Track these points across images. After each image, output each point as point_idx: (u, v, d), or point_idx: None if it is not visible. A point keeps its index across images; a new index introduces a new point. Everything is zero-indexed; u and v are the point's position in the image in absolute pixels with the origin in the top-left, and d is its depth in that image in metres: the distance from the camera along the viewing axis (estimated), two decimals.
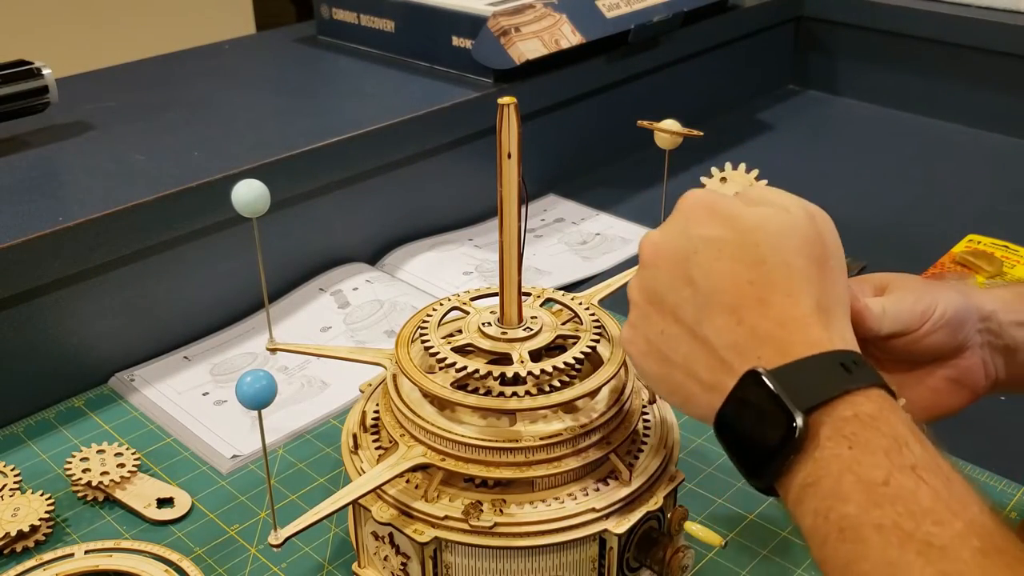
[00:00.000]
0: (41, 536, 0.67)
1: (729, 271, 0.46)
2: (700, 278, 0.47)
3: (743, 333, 0.45)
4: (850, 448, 0.41)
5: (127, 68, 1.16)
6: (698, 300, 0.47)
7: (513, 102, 0.55)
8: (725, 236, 0.47)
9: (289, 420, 0.78)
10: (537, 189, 1.17)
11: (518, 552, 0.56)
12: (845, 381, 0.42)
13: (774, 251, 0.46)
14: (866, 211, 1.12)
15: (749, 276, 0.46)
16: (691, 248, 0.48)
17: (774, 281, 0.46)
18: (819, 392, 0.42)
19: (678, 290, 0.48)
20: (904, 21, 1.35)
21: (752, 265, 0.46)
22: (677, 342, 0.48)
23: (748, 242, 0.47)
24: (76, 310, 0.81)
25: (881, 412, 0.42)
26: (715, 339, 0.46)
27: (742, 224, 0.47)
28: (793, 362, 0.43)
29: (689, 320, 0.47)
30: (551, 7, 1.07)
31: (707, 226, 0.48)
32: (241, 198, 0.59)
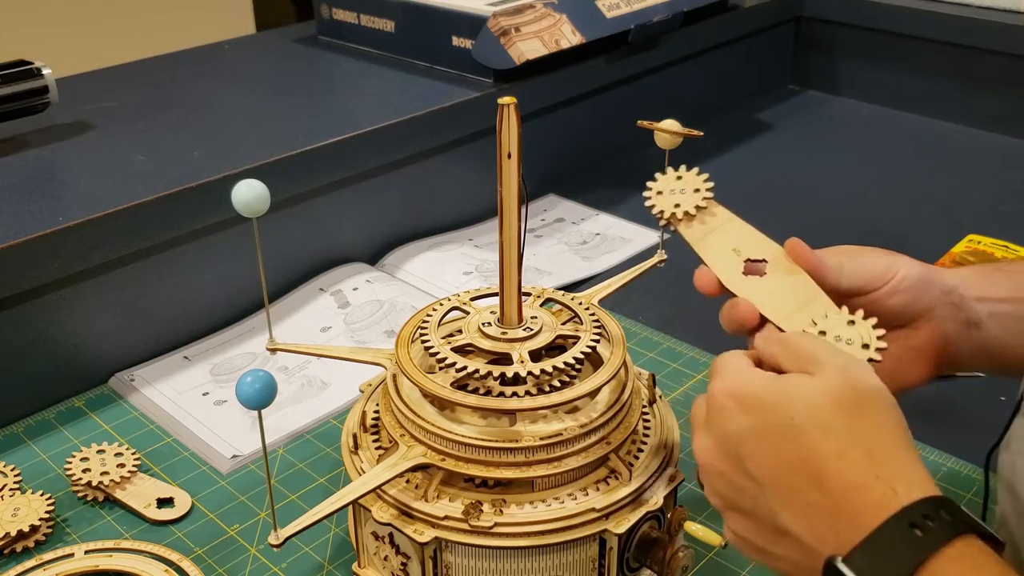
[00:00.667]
0: (41, 536, 0.67)
1: (776, 455, 0.46)
2: (757, 472, 0.46)
3: (815, 515, 0.44)
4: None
5: (127, 68, 1.16)
6: (765, 493, 0.46)
7: (513, 102, 0.55)
8: (760, 421, 0.47)
9: (289, 420, 0.78)
10: (537, 189, 1.17)
11: (518, 552, 0.56)
12: (920, 547, 0.41)
13: (809, 420, 0.45)
14: (866, 211, 1.12)
15: (798, 454, 0.45)
16: (736, 443, 0.47)
17: (820, 449, 0.45)
18: (896, 571, 0.41)
19: (743, 490, 0.47)
20: (904, 21, 1.35)
21: (795, 441, 0.45)
22: (770, 538, 0.47)
23: (783, 418, 0.46)
24: (76, 310, 0.81)
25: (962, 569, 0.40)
26: (794, 528, 0.45)
27: (770, 402, 0.47)
28: (864, 540, 0.42)
29: (766, 516, 0.46)
30: (551, 7, 1.07)
31: (740, 417, 0.47)
32: (241, 198, 0.59)
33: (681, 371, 0.84)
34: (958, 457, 0.73)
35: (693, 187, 0.59)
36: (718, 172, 1.24)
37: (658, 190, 0.60)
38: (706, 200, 0.59)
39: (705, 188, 0.59)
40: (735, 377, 0.49)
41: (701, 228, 0.58)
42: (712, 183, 0.59)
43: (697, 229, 0.58)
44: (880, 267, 0.58)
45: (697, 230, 0.58)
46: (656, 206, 0.59)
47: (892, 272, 0.58)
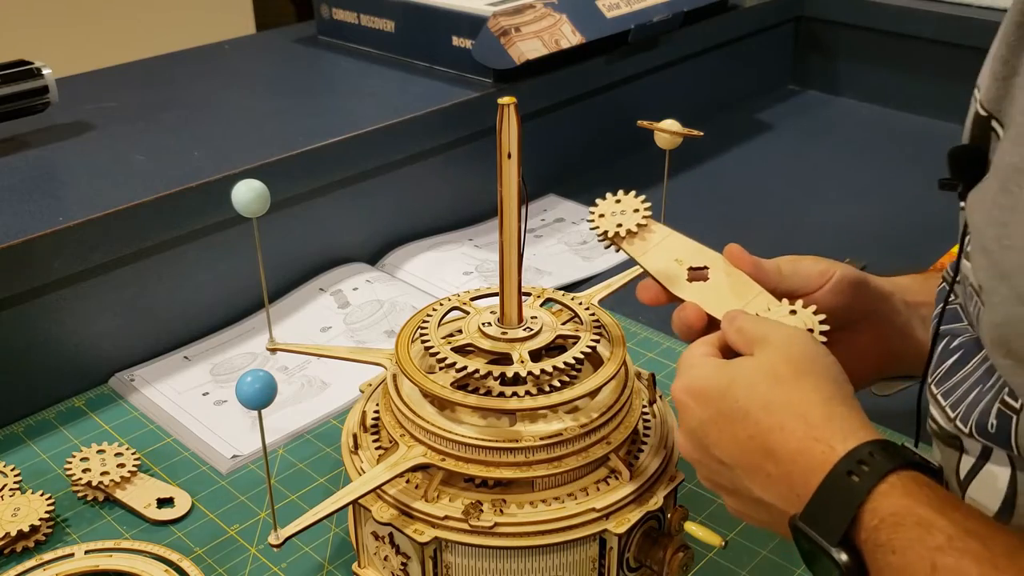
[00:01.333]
0: (41, 536, 0.67)
1: (731, 437, 0.50)
2: (722, 455, 0.51)
3: (776, 484, 0.48)
4: (893, 553, 0.43)
5: (127, 68, 1.16)
6: (736, 473, 0.50)
7: (513, 102, 0.55)
8: (713, 411, 0.51)
9: (289, 420, 0.78)
10: (537, 189, 1.17)
11: (518, 552, 0.56)
12: (857, 491, 0.44)
13: (750, 400, 0.50)
14: (866, 211, 1.12)
15: (746, 432, 0.49)
16: (701, 435, 0.52)
17: (764, 425, 0.49)
18: (841, 518, 0.44)
19: (721, 472, 0.52)
20: (904, 21, 1.35)
21: (741, 421, 0.49)
22: (754, 510, 0.52)
23: (728, 405, 0.50)
24: (76, 310, 0.81)
25: (899, 505, 0.44)
26: (768, 497, 0.49)
27: (717, 391, 0.51)
28: (812, 497, 0.46)
29: (745, 491, 0.51)
30: (551, 7, 1.07)
31: (698, 411, 0.52)
32: (241, 198, 0.59)
33: None
34: None
35: (632, 208, 0.63)
36: (718, 172, 1.24)
37: (600, 213, 0.63)
38: (645, 219, 0.62)
39: (644, 208, 0.63)
40: (689, 373, 0.53)
41: (643, 244, 0.62)
42: (649, 203, 0.63)
43: (639, 245, 0.62)
44: (817, 270, 0.62)
45: (639, 246, 0.62)
46: (600, 227, 0.62)
47: (829, 274, 0.62)
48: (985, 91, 0.53)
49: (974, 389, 0.51)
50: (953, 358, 0.54)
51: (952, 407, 0.52)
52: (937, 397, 0.54)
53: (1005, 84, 0.52)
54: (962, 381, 0.52)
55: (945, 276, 0.58)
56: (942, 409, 0.54)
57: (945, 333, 0.55)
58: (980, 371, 0.51)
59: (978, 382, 0.51)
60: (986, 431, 0.49)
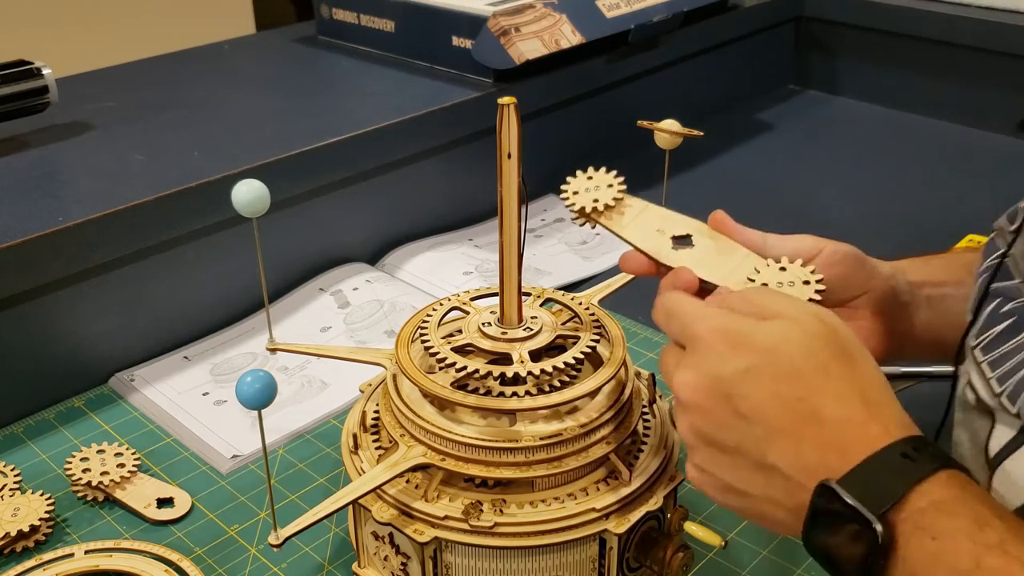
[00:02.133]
0: (41, 536, 0.67)
1: (774, 394, 0.46)
2: (749, 411, 0.47)
3: (807, 450, 0.45)
4: (933, 539, 0.41)
5: (127, 68, 1.16)
6: (756, 432, 0.47)
7: (513, 102, 0.55)
8: (756, 362, 0.47)
9: (289, 420, 0.78)
10: (537, 189, 1.17)
11: (518, 552, 0.56)
12: (912, 472, 0.43)
13: (807, 361, 0.47)
14: (866, 211, 1.12)
15: (795, 393, 0.46)
16: (729, 384, 0.48)
17: (819, 390, 0.46)
18: (890, 492, 0.42)
19: (733, 427, 0.48)
20: (904, 21, 1.35)
21: (793, 382, 0.46)
22: (749, 476, 0.48)
23: (782, 360, 0.47)
24: (76, 310, 0.81)
25: (954, 494, 0.42)
26: (784, 464, 0.46)
27: (766, 344, 0.48)
28: (858, 466, 0.44)
29: (753, 453, 0.47)
30: (551, 7, 1.07)
31: (735, 358, 0.48)
32: (241, 198, 0.59)
33: None
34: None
35: (606, 183, 0.62)
36: (718, 172, 1.24)
37: (573, 190, 0.62)
38: (620, 193, 0.61)
39: (617, 183, 0.62)
40: (719, 316, 0.50)
41: (621, 218, 0.61)
42: (623, 177, 0.62)
43: (618, 219, 0.61)
44: (808, 243, 0.60)
45: (618, 220, 0.61)
46: (575, 204, 0.61)
47: (820, 247, 0.59)
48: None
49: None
50: (1004, 324, 0.51)
51: (999, 380, 0.50)
52: (982, 366, 0.52)
53: None
54: (1013, 352, 0.50)
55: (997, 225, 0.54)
56: (985, 380, 0.51)
57: (995, 292, 0.53)
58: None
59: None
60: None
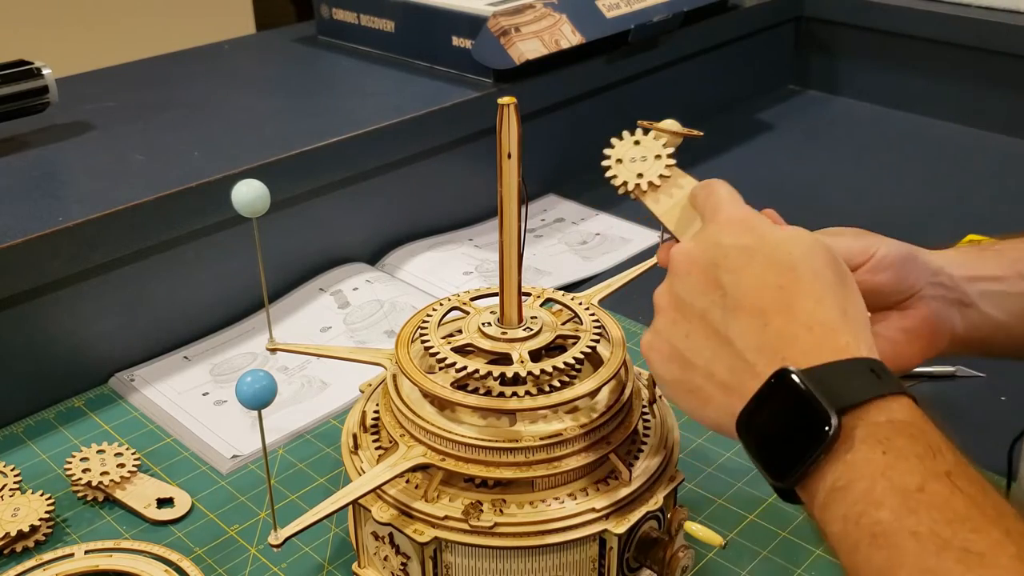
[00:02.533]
0: (41, 536, 0.67)
1: (759, 275, 0.47)
2: (729, 282, 0.47)
3: (769, 335, 0.45)
4: (884, 453, 0.41)
5: (127, 68, 1.16)
6: (726, 303, 0.47)
7: (513, 102, 0.55)
8: (757, 244, 0.48)
9: (289, 420, 0.78)
10: (537, 189, 1.17)
11: (518, 552, 0.56)
12: (878, 386, 0.43)
13: (804, 261, 0.47)
14: (866, 211, 1.12)
15: (779, 281, 0.47)
16: (722, 254, 0.48)
17: (803, 287, 0.46)
18: (853, 394, 0.42)
19: (707, 294, 0.48)
20: (904, 21, 1.35)
21: (783, 271, 0.47)
22: (701, 345, 0.48)
23: (780, 251, 0.48)
24: (76, 310, 0.81)
25: (914, 419, 0.42)
26: (740, 341, 0.46)
27: (774, 237, 0.49)
28: (824, 364, 0.43)
29: (716, 322, 0.47)
30: (551, 7, 1.07)
31: (740, 236, 0.49)
32: (241, 198, 0.59)
33: None
34: None
35: (654, 153, 0.56)
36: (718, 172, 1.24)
37: (617, 158, 0.56)
38: (669, 168, 0.56)
39: (667, 154, 0.56)
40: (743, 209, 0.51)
41: (668, 200, 0.55)
42: (673, 148, 0.56)
43: (664, 202, 0.55)
44: (858, 246, 0.58)
45: (664, 203, 0.55)
46: (618, 177, 0.56)
47: (872, 250, 0.58)
48: None
49: None
50: None
51: None
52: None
53: None
54: None
55: None
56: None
57: None
58: None
59: None
60: None
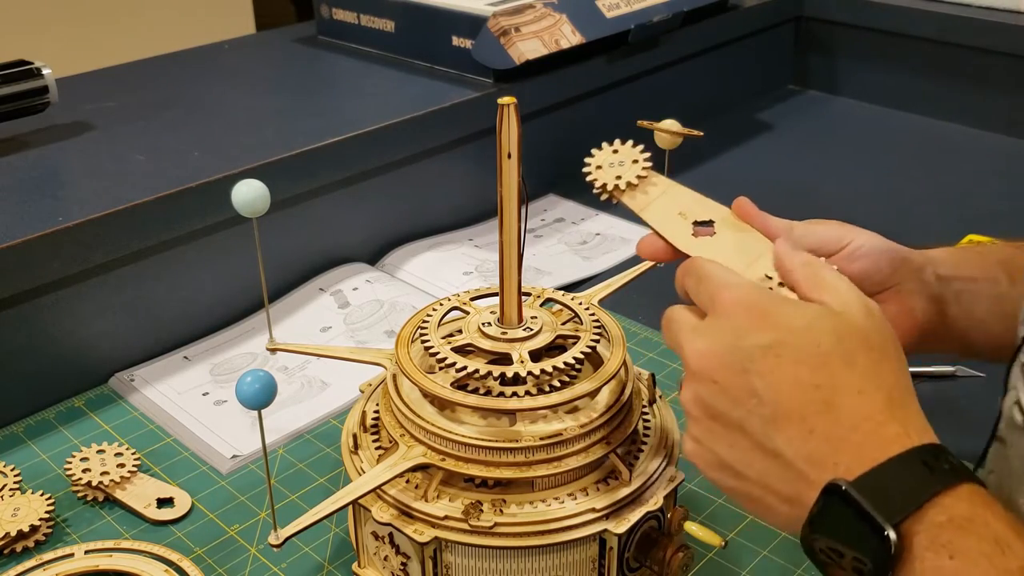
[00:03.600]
0: (41, 536, 0.67)
1: (792, 377, 0.44)
2: (763, 389, 0.44)
3: (816, 442, 0.43)
4: (951, 558, 0.39)
5: (127, 68, 1.16)
6: (764, 412, 0.44)
7: (513, 102, 0.55)
8: (782, 340, 0.45)
9: (289, 420, 0.78)
10: (537, 189, 1.17)
11: (518, 552, 0.56)
12: (931, 483, 0.41)
13: (836, 349, 0.44)
14: (866, 211, 1.12)
15: (814, 379, 0.44)
16: (747, 358, 0.45)
17: (841, 381, 0.44)
18: (907, 500, 0.40)
19: (741, 403, 0.45)
20: (904, 21, 1.35)
21: (816, 367, 0.44)
22: (749, 457, 0.46)
23: (807, 342, 0.44)
24: (76, 310, 0.81)
25: (975, 512, 0.40)
26: (788, 451, 0.44)
27: (797, 323, 0.45)
28: (873, 469, 0.41)
29: (758, 434, 0.45)
30: (551, 7, 1.07)
31: (760, 332, 0.45)
32: (241, 198, 0.59)
33: (681, 371, 0.84)
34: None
35: (631, 159, 0.59)
36: (718, 172, 1.24)
37: (597, 164, 0.59)
38: (645, 170, 0.59)
39: (643, 159, 0.59)
40: (748, 288, 0.48)
41: (644, 197, 0.58)
42: (648, 153, 0.59)
43: (640, 199, 0.58)
44: (834, 234, 0.58)
45: (641, 199, 0.58)
46: (597, 180, 0.59)
47: (847, 240, 0.58)
48: None
49: None
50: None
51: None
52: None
53: None
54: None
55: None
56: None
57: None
58: None
59: None
60: None
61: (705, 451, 0.48)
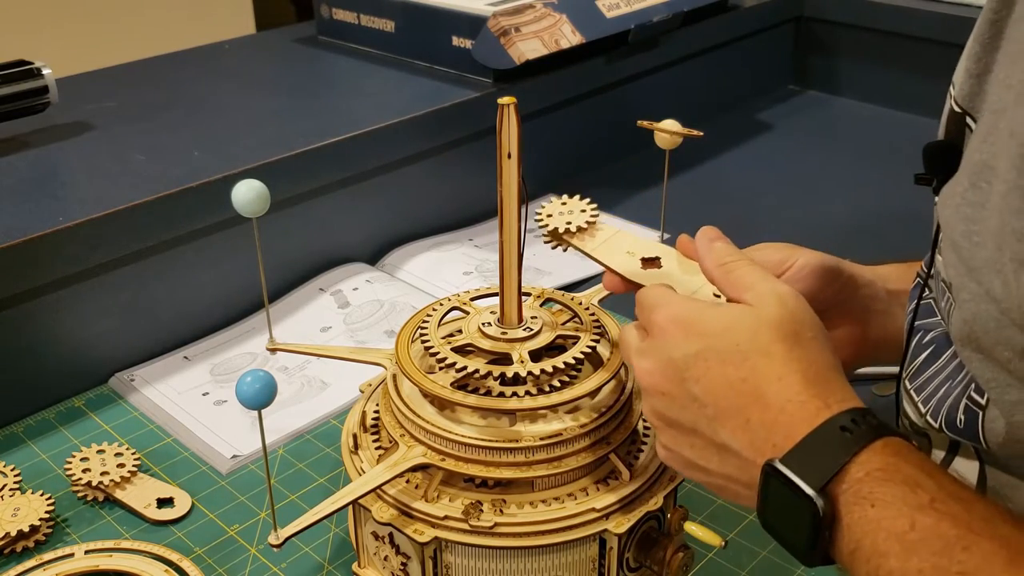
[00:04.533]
0: (41, 536, 0.67)
1: (721, 376, 0.49)
2: (700, 392, 0.49)
3: (754, 429, 0.48)
4: (872, 506, 0.43)
5: (127, 68, 1.16)
6: (707, 412, 0.49)
7: (513, 102, 0.55)
8: (707, 346, 0.50)
9: (289, 420, 0.78)
10: (537, 189, 1.17)
11: (518, 552, 0.56)
12: (849, 444, 0.45)
13: (752, 345, 0.49)
14: (866, 211, 1.12)
15: (740, 374, 0.48)
16: (682, 367, 0.50)
17: (761, 371, 0.48)
18: (828, 465, 0.44)
19: (687, 408, 0.50)
20: (904, 21, 1.35)
21: (739, 364, 0.49)
22: (707, 453, 0.50)
23: (727, 344, 0.49)
24: (76, 310, 0.81)
25: (888, 462, 0.44)
26: (734, 443, 0.48)
27: (715, 328, 0.50)
28: (799, 443, 0.46)
29: (708, 432, 0.50)
30: (551, 7, 1.07)
31: (686, 342, 0.50)
32: (241, 198, 0.59)
33: None
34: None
35: (579, 208, 0.63)
36: (718, 172, 1.24)
37: (548, 213, 0.63)
38: (593, 217, 0.63)
39: (590, 209, 0.63)
40: (676, 304, 0.52)
41: (592, 240, 0.62)
42: (595, 204, 0.64)
43: (590, 241, 0.62)
44: (776, 257, 0.62)
45: (590, 242, 0.62)
46: (549, 225, 0.63)
47: (788, 262, 0.62)
48: (959, 88, 0.54)
49: (944, 384, 0.51)
50: (925, 353, 0.54)
51: (924, 402, 0.53)
52: (910, 392, 0.55)
53: (978, 81, 0.52)
54: (933, 376, 0.53)
55: (919, 272, 0.58)
56: (915, 404, 0.54)
57: (919, 328, 0.55)
58: (951, 366, 0.51)
59: (948, 377, 0.51)
60: (955, 426, 0.50)
61: (674, 455, 0.53)
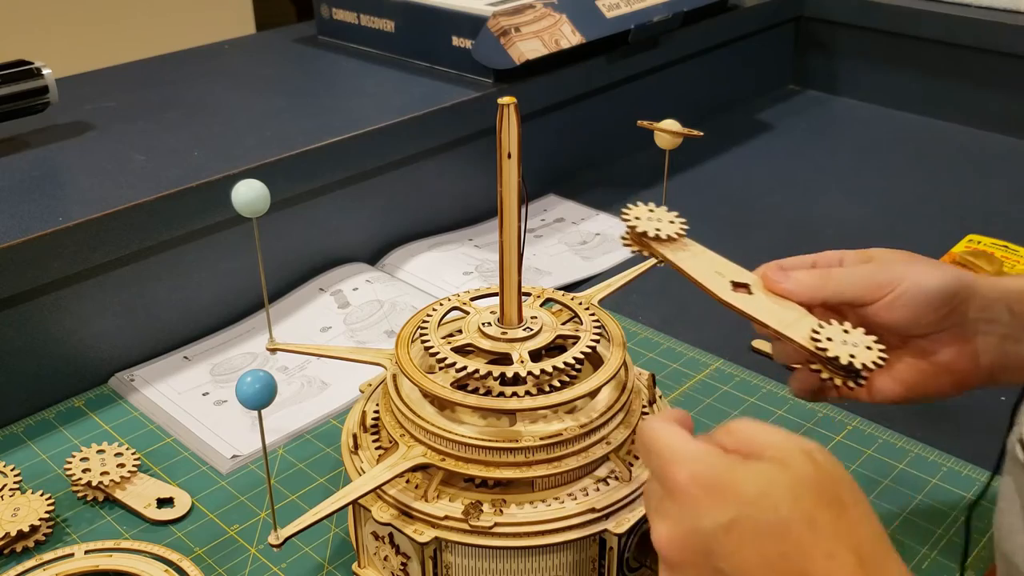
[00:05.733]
0: (41, 536, 0.67)
1: (757, 552, 0.42)
2: (732, 569, 0.43)
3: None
4: None
5: (127, 68, 1.16)
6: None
7: (513, 102, 0.55)
8: (737, 515, 0.43)
9: (289, 420, 0.78)
10: (537, 189, 1.17)
11: (518, 552, 0.56)
12: None
13: (794, 514, 0.42)
14: (866, 211, 1.12)
15: (780, 549, 0.42)
16: (710, 539, 0.43)
17: (807, 547, 0.42)
18: None
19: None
20: (904, 21, 1.35)
21: (778, 536, 0.42)
22: None
23: (764, 512, 0.42)
24: (76, 310, 0.81)
25: None
26: None
27: (749, 493, 0.43)
28: None
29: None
30: (551, 7, 1.07)
31: (714, 510, 0.43)
32: (241, 198, 0.59)
33: (681, 371, 0.84)
34: (958, 457, 0.73)
35: (668, 219, 0.60)
36: (718, 172, 1.24)
37: (636, 216, 0.60)
38: (683, 229, 0.60)
39: (680, 222, 0.60)
40: (697, 460, 0.45)
41: (683, 252, 0.59)
42: (684, 219, 0.60)
43: (680, 252, 0.59)
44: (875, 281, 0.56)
45: (680, 253, 0.59)
46: (638, 227, 0.59)
47: (887, 288, 0.56)
48: None
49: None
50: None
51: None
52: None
53: None
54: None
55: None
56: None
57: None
58: None
59: None
60: None
61: None
